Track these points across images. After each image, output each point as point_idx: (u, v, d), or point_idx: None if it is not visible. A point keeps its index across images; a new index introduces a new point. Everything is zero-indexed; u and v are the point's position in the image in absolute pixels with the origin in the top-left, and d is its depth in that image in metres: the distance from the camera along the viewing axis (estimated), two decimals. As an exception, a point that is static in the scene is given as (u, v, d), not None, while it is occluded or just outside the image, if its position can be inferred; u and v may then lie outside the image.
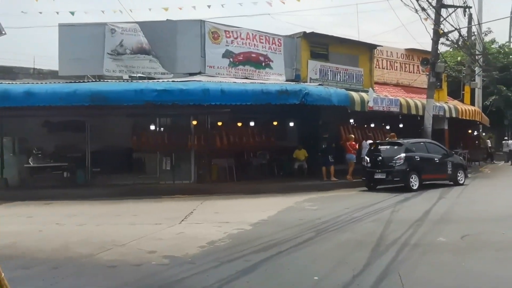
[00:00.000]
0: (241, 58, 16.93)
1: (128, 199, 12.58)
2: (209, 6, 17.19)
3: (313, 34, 18.23)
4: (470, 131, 26.70)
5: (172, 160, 15.23)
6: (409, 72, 24.07)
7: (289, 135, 17.96)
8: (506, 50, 34.39)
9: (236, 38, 16.81)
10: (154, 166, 15.38)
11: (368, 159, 14.12)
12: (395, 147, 14.13)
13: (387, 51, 22.99)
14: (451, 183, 14.78)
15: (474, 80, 26.89)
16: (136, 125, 15.10)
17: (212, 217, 9.49)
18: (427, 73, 19.55)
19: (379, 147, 14.29)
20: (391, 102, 16.95)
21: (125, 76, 15.80)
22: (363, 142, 15.74)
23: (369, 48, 20.67)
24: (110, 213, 10.42)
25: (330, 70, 19.13)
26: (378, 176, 13.77)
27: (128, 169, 15.57)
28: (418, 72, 23.77)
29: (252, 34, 17.20)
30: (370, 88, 17.06)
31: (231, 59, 16.72)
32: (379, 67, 22.44)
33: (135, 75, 15.98)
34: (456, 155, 16.34)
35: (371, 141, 15.70)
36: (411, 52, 24.00)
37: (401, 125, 18.98)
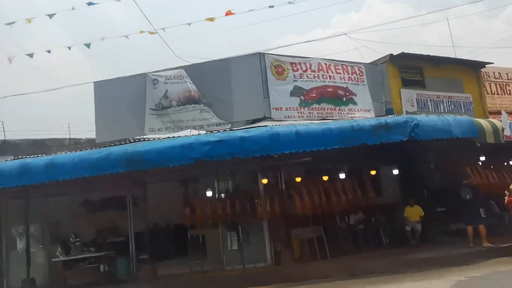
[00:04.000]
0: (314, 94, 13.20)
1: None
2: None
3: (403, 55, 14.26)
4: None
5: (239, 235, 11.23)
6: (525, 95, 19.01)
7: (389, 188, 13.42)
8: None
9: (305, 71, 13.22)
10: (216, 246, 11.44)
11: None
12: None
13: (493, 72, 18.27)
14: None
15: None
16: (188, 193, 11.47)
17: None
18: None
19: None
20: (533, 127, 12.11)
21: (173, 135, 12.54)
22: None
23: (475, 67, 16.25)
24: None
25: (430, 99, 14.84)
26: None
27: (182, 253, 11.79)
28: (538, 94, 18.72)
29: (326, 64, 13.55)
30: (503, 111, 12.40)
31: (302, 97, 13.03)
32: (487, 93, 17.72)
33: (186, 130, 12.70)
34: None
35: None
36: (524, 71, 19.09)
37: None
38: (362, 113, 13.48)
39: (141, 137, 12.72)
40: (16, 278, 11.37)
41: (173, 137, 11.26)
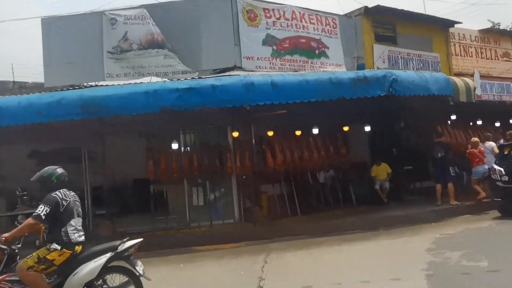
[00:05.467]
0: (287, 45, 12.41)
1: (145, 257, 7.99)
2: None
3: (378, 9, 13.68)
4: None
5: (206, 191, 10.59)
6: (486, 59, 19.16)
7: (359, 146, 13.13)
8: None
9: (278, 19, 12.32)
10: (181, 202, 10.76)
11: (502, 169, 9.26)
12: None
13: (459, 34, 18.15)
14: None
15: None
16: (151, 145, 10.55)
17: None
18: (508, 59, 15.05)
19: (522, 150, 9.39)
20: (502, 88, 12.17)
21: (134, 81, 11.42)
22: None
23: (445, 26, 16.00)
24: None
25: (401, 57, 14.49)
26: (526, 194, 8.86)
27: (144, 208, 11.03)
28: (497, 58, 18.96)
29: (300, 12, 12.70)
30: (476, 71, 12.28)
31: (274, 47, 12.21)
32: (451, 54, 17.70)
33: (148, 78, 11.63)
34: None
35: (492, 143, 10.78)
36: (487, 34, 19.11)
37: (512, 121, 14.00)
38: (333, 68, 12.89)
39: (97, 83, 11.55)
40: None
41: (135, 83, 10.25)
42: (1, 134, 9.72)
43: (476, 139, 10.95)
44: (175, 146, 10.27)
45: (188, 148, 10.70)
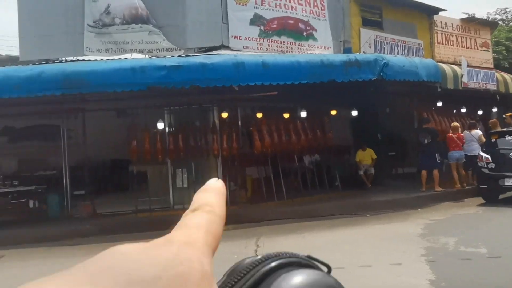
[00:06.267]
0: (275, 25, 12.11)
1: (127, 239, 7.68)
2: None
3: (366, -8, 13.53)
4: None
5: (192, 173, 10.31)
6: (466, 48, 19.39)
7: (343, 130, 13.08)
8: None
9: (267, -3, 12.01)
10: (164, 183, 10.47)
11: (488, 157, 9.36)
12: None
13: (441, 22, 18.27)
14: None
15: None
16: (135, 124, 10.13)
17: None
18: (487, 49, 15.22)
19: (507, 138, 9.50)
20: (487, 77, 12.27)
21: (116, 57, 10.91)
22: (464, 133, 10.90)
23: (429, 13, 16.03)
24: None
25: (387, 42, 14.42)
26: (510, 182, 8.99)
27: (125, 189, 10.69)
28: (476, 48, 19.20)
29: (288, -9, 12.41)
30: (463, 58, 12.33)
31: (262, 27, 11.90)
32: (434, 42, 17.80)
33: (129, 54, 11.17)
34: None
35: (478, 131, 10.87)
36: (467, 24, 19.29)
37: (495, 109, 14.19)
38: (321, 50, 12.67)
39: (76, 57, 11.02)
40: None
41: (119, 59, 9.80)
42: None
43: (456, 123, 11.08)
44: (160, 125, 9.90)
45: (173, 128, 10.35)
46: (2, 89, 8.43)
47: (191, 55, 10.08)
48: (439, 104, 11.96)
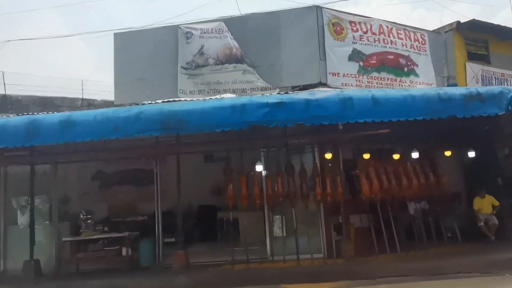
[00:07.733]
0: (374, 61, 11.31)
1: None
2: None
3: (472, 24, 12.40)
4: None
5: (294, 220, 9.34)
6: None
7: (454, 174, 11.59)
8: None
9: (365, 33, 11.29)
10: (259, 231, 9.59)
11: None
12: None
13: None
14: None
15: None
16: (230, 167, 9.48)
17: None
18: None
19: None
20: None
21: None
22: None
23: (541, 45, 14.45)
24: None
25: (495, 77, 13.09)
26: None
27: (216, 237, 9.92)
28: None
29: (387, 26, 11.63)
30: None
31: (361, 63, 11.13)
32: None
33: (222, 94, 10.76)
34: None
35: None
36: None
37: None
38: (424, 87, 11.64)
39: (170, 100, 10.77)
40: (16, 258, 9.39)
41: (216, 98, 9.34)
42: (69, 151, 9.05)
43: None
44: (259, 168, 9.16)
45: (271, 171, 9.57)
46: (103, 130, 8.17)
47: (290, 92, 9.43)
48: None
